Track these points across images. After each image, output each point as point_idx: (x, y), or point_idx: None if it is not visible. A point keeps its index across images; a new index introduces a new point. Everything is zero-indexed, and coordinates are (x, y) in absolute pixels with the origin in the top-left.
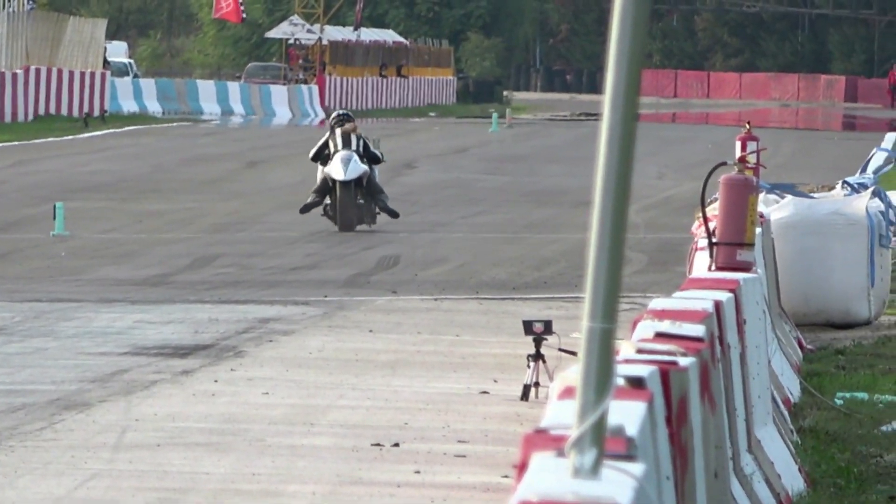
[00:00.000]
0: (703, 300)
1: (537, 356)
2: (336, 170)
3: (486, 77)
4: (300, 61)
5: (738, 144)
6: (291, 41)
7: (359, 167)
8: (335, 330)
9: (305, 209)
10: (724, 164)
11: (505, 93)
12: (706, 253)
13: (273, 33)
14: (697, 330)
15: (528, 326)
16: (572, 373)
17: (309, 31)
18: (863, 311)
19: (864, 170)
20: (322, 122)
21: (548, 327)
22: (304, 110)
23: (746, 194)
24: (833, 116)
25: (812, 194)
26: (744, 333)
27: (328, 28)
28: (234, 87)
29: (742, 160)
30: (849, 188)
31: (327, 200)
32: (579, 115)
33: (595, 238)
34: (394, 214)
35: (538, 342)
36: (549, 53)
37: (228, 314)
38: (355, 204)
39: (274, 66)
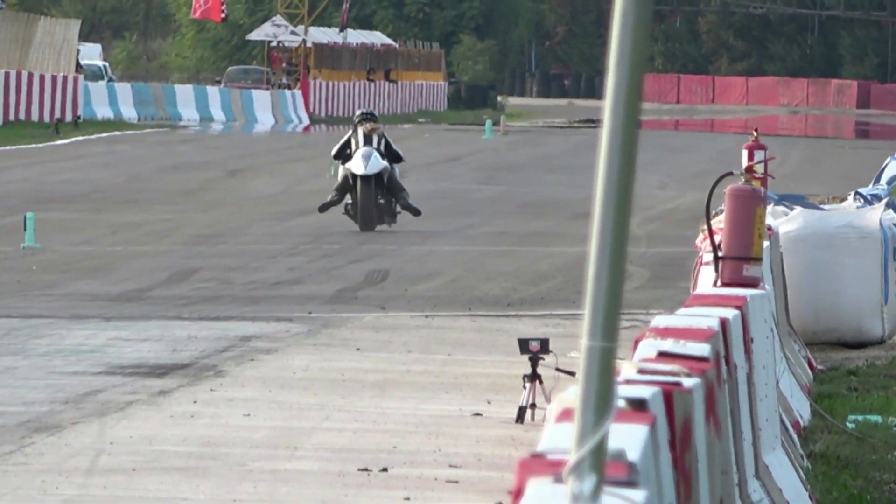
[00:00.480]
0: (708, 318)
1: (533, 376)
2: (357, 164)
3: (479, 81)
4: (283, 65)
5: (745, 153)
6: (274, 43)
7: (379, 163)
8: (320, 348)
9: (324, 207)
10: (730, 174)
11: (499, 98)
12: (711, 268)
13: (255, 35)
14: (702, 349)
15: (523, 345)
16: (570, 394)
17: (293, 32)
18: (876, 329)
19: (877, 180)
20: (307, 128)
21: (544, 346)
22: (288, 116)
23: (754, 206)
24: (844, 123)
25: (822, 206)
26: (751, 353)
27: (313, 30)
28: (213, 92)
29: (749, 170)
30: (861, 199)
31: (348, 200)
32: (577, 121)
33: (594, 252)
34: (416, 212)
35: (534, 362)
36: (546, 57)
37: (208, 331)
38: (376, 202)
39: (256, 70)
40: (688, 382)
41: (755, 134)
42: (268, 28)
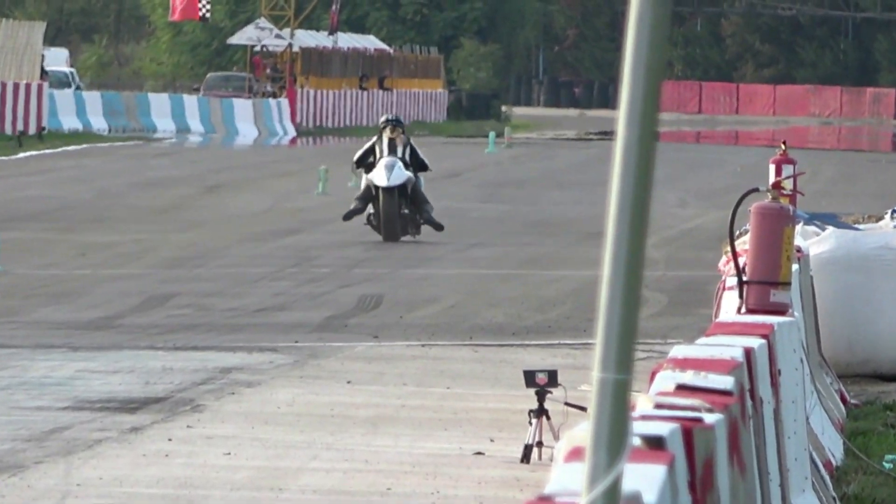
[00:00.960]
0: (731, 347)
1: (540, 412)
2: (379, 176)
3: (481, 90)
4: (268, 71)
5: (772, 168)
6: (258, 48)
7: (402, 174)
8: (307, 381)
9: (348, 216)
10: (756, 190)
11: (503, 108)
12: (735, 293)
13: (236, 39)
14: (725, 382)
15: (529, 377)
16: (581, 431)
17: (278, 36)
18: None
19: None
20: (293, 140)
21: (552, 378)
22: (272, 128)
23: (781, 226)
24: (881, 136)
25: (857, 226)
26: (778, 386)
27: (300, 33)
28: (191, 101)
29: (776, 186)
30: None
31: (371, 210)
32: (589, 133)
33: (607, 275)
34: (438, 227)
35: (541, 395)
36: (555, 62)
37: (184, 362)
38: (399, 213)
39: (237, 77)
40: (709, 418)
41: (783, 147)
42: (251, 31)
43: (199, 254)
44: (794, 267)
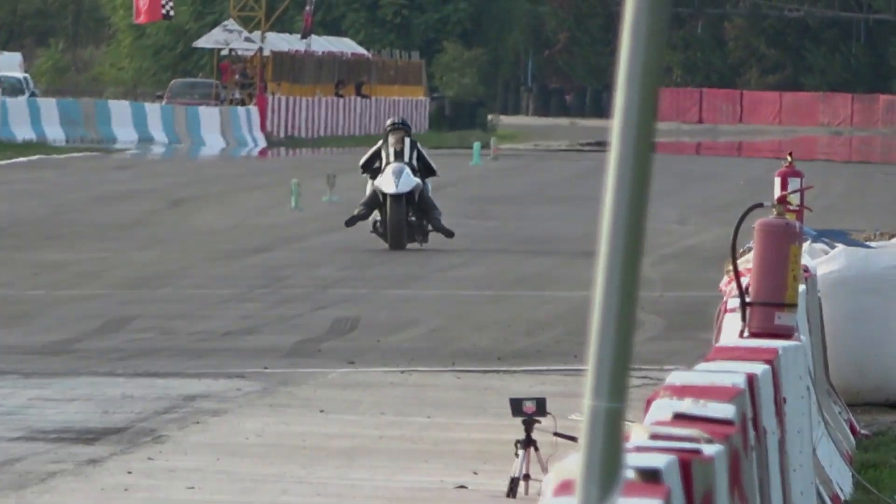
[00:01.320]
0: (732, 374)
1: (528, 442)
2: (387, 182)
3: (465, 97)
4: (236, 77)
5: (778, 181)
6: (225, 52)
7: (411, 180)
8: (278, 409)
9: (352, 221)
10: (761, 205)
11: (489, 117)
12: (737, 315)
13: (203, 42)
14: (726, 411)
15: (516, 406)
16: (571, 463)
17: (247, 39)
18: None
19: None
20: (263, 151)
21: (541, 407)
22: (241, 138)
23: (787, 243)
24: (895, 147)
25: (869, 243)
26: (783, 415)
27: (271, 36)
28: (154, 110)
29: (782, 201)
30: None
31: (377, 217)
32: (581, 144)
33: (600, 297)
34: (448, 234)
35: (529, 425)
36: (545, 68)
37: (145, 390)
38: (406, 221)
39: (203, 83)
40: (709, 450)
41: (790, 158)
42: (218, 34)
43: (163, 273)
44: (801, 287)
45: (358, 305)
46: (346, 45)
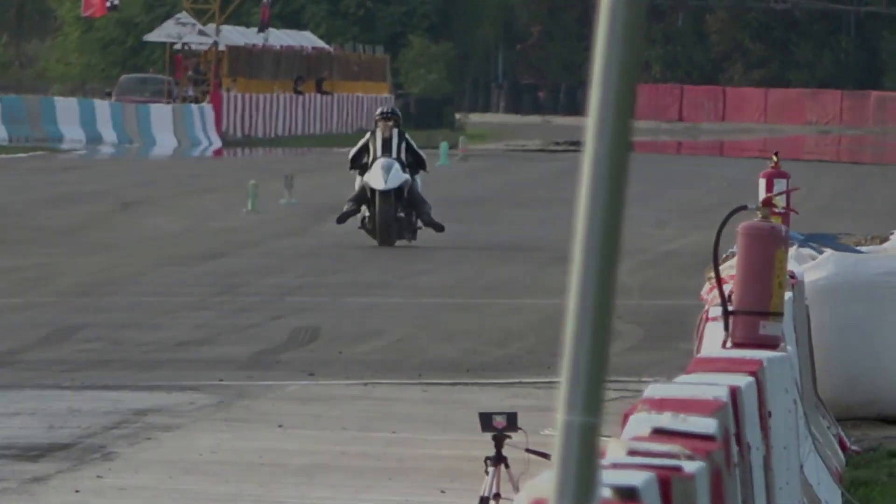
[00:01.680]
0: (715, 386)
1: (498, 459)
2: (375, 178)
3: (432, 94)
4: (190, 73)
5: (763, 183)
6: (178, 46)
7: (400, 176)
8: (234, 424)
9: (342, 219)
10: (745, 208)
11: (457, 115)
12: (719, 325)
13: (154, 36)
14: (707, 425)
15: (486, 420)
16: (544, 481)
17: (201, 32)
18: None
19: None
20: (218, 151)
21: (512, 422)
22: (195, 137)
23: (773, 248)
24: (887, 146)
25: (859, 248)
26: (768, 430)
27: (226, 29)
28: (103, 107)
29: (767, 203)
30: None
31: (365, 213)
32: (554, 144)
33: (575, 305)
34: (439, 228)
35: (499, 441)
36: (517, 63)
37: (94, 403)
38: (395, 216)
39: (155, 79)
40: (689, 466)
41: (775, 159)
42: (170, 27)
43: (112, 280)
44: (787, 295)
45: (318, 314)
46: (306, 39)
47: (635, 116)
